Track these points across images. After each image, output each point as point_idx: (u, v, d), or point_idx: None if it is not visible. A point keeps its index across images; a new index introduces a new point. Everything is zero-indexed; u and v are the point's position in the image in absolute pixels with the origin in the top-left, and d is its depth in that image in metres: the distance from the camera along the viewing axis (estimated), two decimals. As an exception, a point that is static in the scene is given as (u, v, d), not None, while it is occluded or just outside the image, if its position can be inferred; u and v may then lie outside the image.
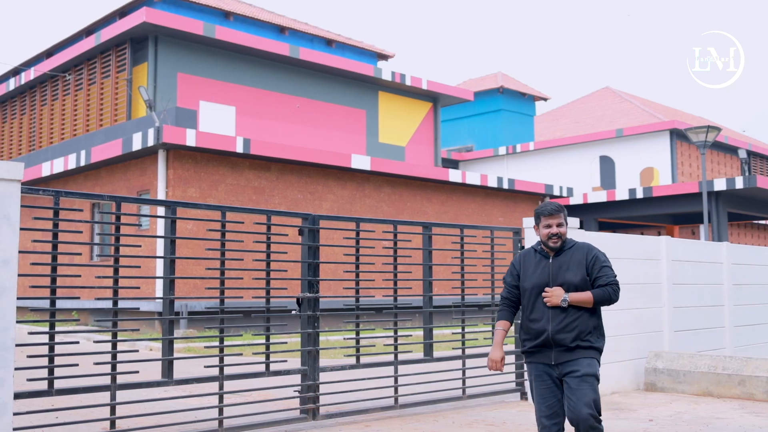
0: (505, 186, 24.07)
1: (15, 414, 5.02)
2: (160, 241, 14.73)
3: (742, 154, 27.86)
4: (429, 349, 8.03)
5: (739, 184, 22.54)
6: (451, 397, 8.11)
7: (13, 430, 4.92)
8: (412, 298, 9.02)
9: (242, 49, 21.14)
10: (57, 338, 5.50)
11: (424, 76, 46.49)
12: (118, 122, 20.04)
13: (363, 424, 6.94)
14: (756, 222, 34.81)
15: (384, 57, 27.62)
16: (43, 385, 5.45)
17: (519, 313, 4.64)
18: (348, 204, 19.91)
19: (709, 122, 33.27)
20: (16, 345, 4.95)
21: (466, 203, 23.28)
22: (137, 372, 5.93)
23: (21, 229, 5.02)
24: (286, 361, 7.14)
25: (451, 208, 22.72)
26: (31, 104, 24.45)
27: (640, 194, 24.84)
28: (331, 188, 19.69)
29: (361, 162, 19.67)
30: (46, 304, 5.59)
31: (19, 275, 4.95)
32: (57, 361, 5.50)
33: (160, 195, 16.66)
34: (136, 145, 16.77)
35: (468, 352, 8.33)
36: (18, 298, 4.94)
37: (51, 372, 5.42)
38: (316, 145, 22.29)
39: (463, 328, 8.39)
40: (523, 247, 8.67)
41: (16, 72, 25.94)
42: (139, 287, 6.50)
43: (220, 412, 6.32)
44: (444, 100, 26.99)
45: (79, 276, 5.81)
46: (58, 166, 19.56)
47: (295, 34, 24.91)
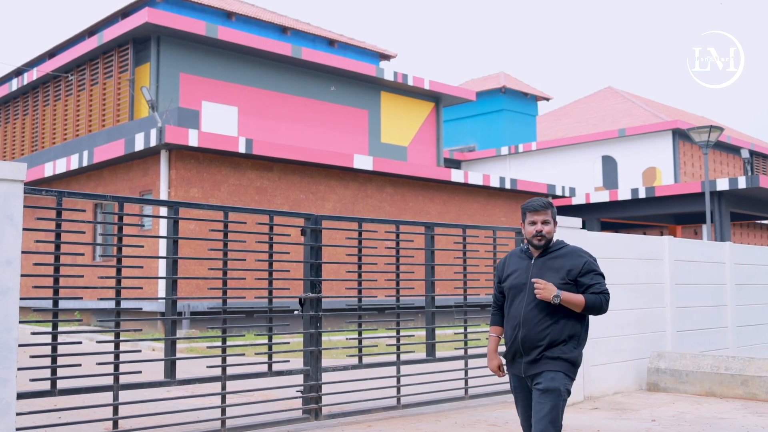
0: (508, 186, 24.06)
1: (18, 414, 5.03)
2: (163, 242, 14.73)
3: (745, 154, 27.81)
4: (431, 349, 8.03)
5: (742, 183, 22.51)
6: (454, 397, 8.11)
7: (16, 430, 4.93)
8: (415, 298, 9.03)
9: (244, 50, 21.14)
10: (60, 338, 5.52)
11: (427, 76, 46.49)
12: (120, 122, 20.06)
13: (365, 425, 6.94)
14: (759, 222, 34.75)
15: (386, 57, 27.62)
16: (46, 386, 5.46)
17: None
18: (350, 204, 19.92)
19: (712, 122, 33.26)
20: (19, 345, 4.96)
21: (469, 203, 23.27)
22: (140, 372, 5.94)
23: (24, 230, 5.02)
24: (289, 361, 7.15)
25: (453, 208, 22.72)
26: (34, 105, 24.48)
27: (642, 194, 24.81)
28: (333, 188, 19.69)
29: (363, 162, 19.67)
30: (48, 304, 5.60)
31: (22, 275, 4.96)
32: (60, 361, 5.51)
33: (163, 195, 16.67)
34: (139, 145, 16.78)
35: (470, 352, 8.33)
36: (21, 299, 4.95)
37: (54, 372, 5.43)
38: (318, 145, 22.30)
39: (466, 328, 8.39)
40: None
41: (19, 72, 25.97)
42: (141, 287, 6.51)
43: (223, 412, 6.32)
44: (446, 100, 26.99)
45: (82, 276, 5.81)
46: (60, 166, 19.58)
47: (297, 35, 24.91)
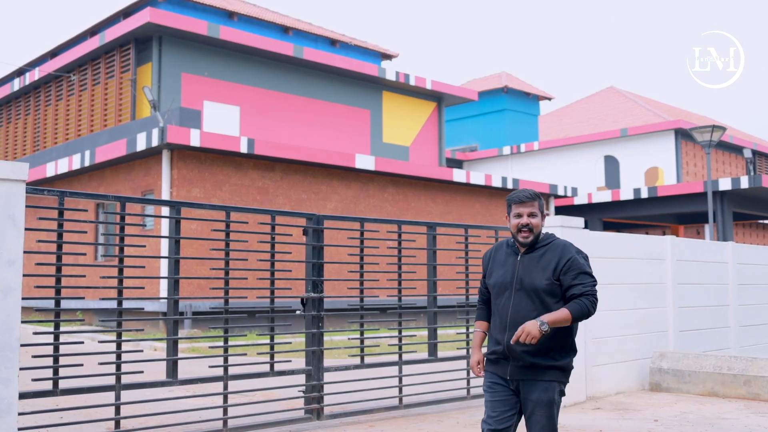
0: (510, 186, 24.04)
1: (20, 414, 5.03)
2: (165, 241, 14.74)
3: (747, 154, 27.80)
4: (433, 349, 8.02)
5: (744, 183, 22.48)
6: (456, 397, 8.10)
7: (18, 429, 4.93)
8: (417, 298, 9.02)
9: (246, 49, 21.14)
10: (62, 338, 5.51)
11: (429, 75, 46.49)
12: (122, 122, 20.07)
13: (367, 425, 6.93)
14: (761, 222, 34.71)
15: (388, 57, 27.61)
16: (48, 385, 5.46)
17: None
18: (352, 204, 19.91)
19: (714, 122, 33.22)
20: (21, 345, 4.96)
21: (471, 203, 23.26)
22: (142, 372, 5.94)
23: (26, 230, 5.02)
24: (291, 361, 7.14)
25: (455, 208, 22.70)
26: (36, 105, 24.50)
27: (644, 194, 24.79)
28: (335, 188, 19.69)
29: (365, 162, 19.67)
30: (50, 304, 5.59)
31: (24, 275, 4.96)
32: (62, 361, 5.51)
33: (165, 195, 16.68)
34: (141, 145, 16.79)
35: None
36: (23, 298, 4.95)
37: (56, 372, 5.43)
38: (320, 145, 22.29)
39: (468, 328, 8.38)
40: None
41: (21, 72, 25.99)
42: (143, 287, 6.50)
43: (225, 412, 6.32)
44: (448, 100, 26.97)
45: (84, 276, 5.81)
46: (62, 166, 19.59)
47: (299, 34, 24.91)
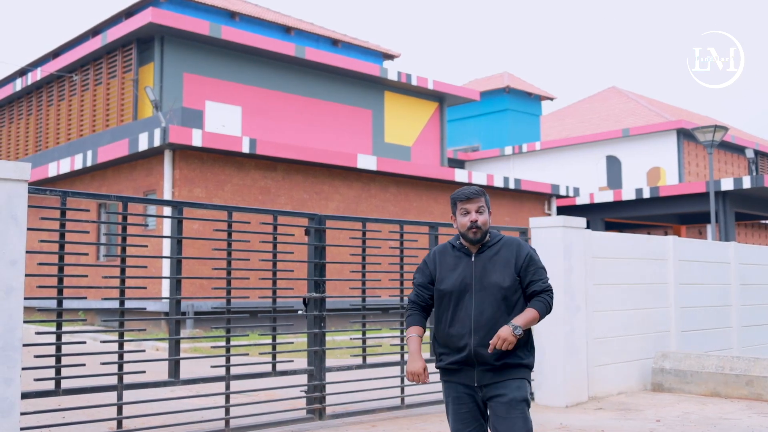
0: (512, 186, 24.04)
1: (22, 414, 5.03)
2: (167, 241, 14.75)
3: (750, 154, 27.76)
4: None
5: (747, 183, 22.45)
6: (458, 397, 8.08)
7: (21, 429, 4.93)
8: (419, 298, 8.98)
9: (248, 49, 21.15)
10: (64, 338, 5.51)
11: (430, 75, 46.49)
12: (124, 122, 20.08)
13: (369, 425, 6.93)
14: (763, 222, 34.68)
15: (390, 57, 27.60)
16: (50, 385, 5.46)
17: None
18: (354, 204, 19.91)
19: (717, 122, 33.18)
20: (24, 345, 4.96)
21: (472, 203, 23.20)
22: (144, 372, 5.94)
23: (28, 230, 5.02)
24: (293, 361, 7.14)
25: (457, 208, 22.66)
26: (38, 104, 24.51)
27: (646, 194, 24.77)
28: (337, 188, 19.68)
29: (367, 162, 19.67)
30: (53, 304, 5.59)
31: (26, 275, 4.96)
32: (64, 361, 5.51)
33: (166, 195, 16.68)
34: (143, 145, 16.79)
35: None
36: (25, 298, 4.95)
37: (58, 372, 5.43)
38: (321, 145, 22.29)
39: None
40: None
41: (23, 72, 26.01)
42: (145, 287, 6.50)
43: (227, 412, 6.32)
44: (450, 100, 26.96)
45: (86, 276, 5.81)
46: (64, 166, 19.61)
47: (300, 34, 24.91)
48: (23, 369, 4.93)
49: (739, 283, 11.58)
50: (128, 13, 22.48)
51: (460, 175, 22.35)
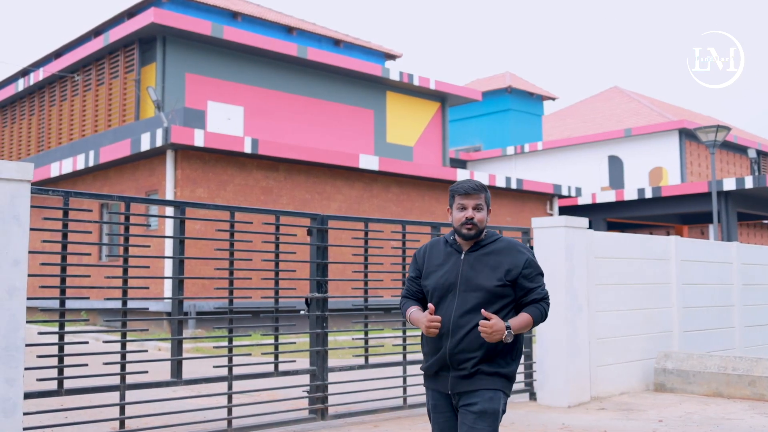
0: (513, 186, 24.03)
1: (25, 414, 5.03)
2: (169, 242, 14.76)
3: (752, 154, 27.74)
4: (437, 349, 8.00)
5: (749, 183, 22.43)
6: (460, 397, 8.08)
7: (23, 429, 4.93)
8: (421, 299, 8.98)
9: (250, 50, 21.16)
10: (66, 338, 5.51)
11: (432, 76, 46.48)
12: (126, 123, 20.09)
13: (372, 425, 6.93)
14: (766, 222, 34.64)
15: (392, 57, 27.60)
16: (53, 385, 5.46)
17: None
18: (356, 204, 19.91)
19: (719, 121, 33.16)
20: (26, 345, 4.96)
21: (474, 203, 23.19)
22: (146, 372, 5.94)
23: (31, 230, 5.02)
24: (295, 361, 7.14)
25: (459, 208, 22.65)
26: (40, 105, 24.54)
27: (649, 194, 24.75)
28: (339, 188, 19.69)
29: (369, 162, 19.67)
30: (55, 304, 5.60)
31: (28, 275, 4.96)
32: (66, 361, 5.51)
33: (169, 195, 16.69)
34: (145, 145, 16.80)
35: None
36: (28, 298, 4.95)
37: (60, 372, 5.44)
38: (323, 145, 22.30)
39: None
40: (531, 248, 8.64)
41: (25, 73, 26.05)
42: (148, 287, 6.51)
43: (229, 412, 6.32)
44: (452, 100, 26.96)
45: (89, 276, 5.81)
46: (66, 166, 19.63)
47: (302, 35, 24.92)
48: (26, 369, 4.93)
49: (742, 283, 11.56)
50: (130, 14, 22.49)
51: (462, 175, 22.35)
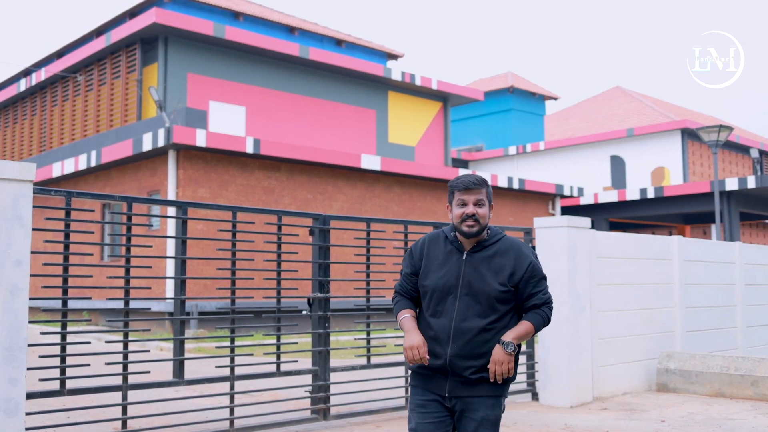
0: (516, 186, 24.01)
1: (27, 414, 5.03)
2: (171, 242, 14.76)
3: (754, 154, 27.70)
4: (440, 349, 7.99)
5: (751, 183, 22.40)
6: (462, 397, 8.07)
7: (26, 429, 4.93)
8: (423, 299, 8.98)
9: (252, 50, 21.16)
10: (69, 338, 5.52)
11: (434, 75, 46.48)
12: (128, 123, 20.10)
13: (374, 425, 6.92)
14: (768, 222, 34.61)
15: (394, 57, 27.60)
16: (55, 385, 5.46)
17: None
18: (358, 204, 19.91)
19: (721, 121, 33.12)
20: (29, 345, 4.96)
21: (476, 203, 23.18)
22: (148, 372, 5.94)
23: (33, 230, 5.02)
24: (297, 361, 7.15)
25: (461, 208, 22.64)
26: (42, 105, 24.56)
27: (651, 194, 24.73)
28: (341, 188, 19.68)
29: (371, 162, 19.66)
30: (57, 304, 5.61)
31: (31, 275, 4.96)
32: (69, 361, 5.51)
33: (171, 195, 16.70)
34: (147, 145, 16.81)
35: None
36: (30, 299, 4.95)
37: (63, 372, 5.44)
38: (325, 145, 22.30)
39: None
40: (533, 248, 8.63)
41: (27, 73, 26.07)
42: (150, 287, 6.51)
43: (231, 412, 6.32)
44: (454, 100, 26.95)
45: (91, 276, 5.81)
46: (68, 166, 19.64)
47: (304, 34, 24.92)
48: (28, 369, 4.93)
49: (744, 283, 11.55)
50: (132, 14, 22.51)
51: (464, 175, 22.31)
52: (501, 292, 3.26)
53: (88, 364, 5.57)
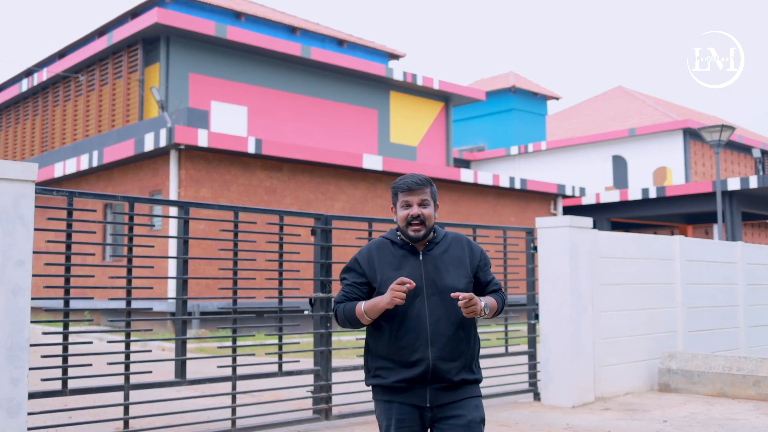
0: (517, 186, 24.00)
1: (29, 414, 5.03)
2: (173, 242, 14.76)
3: (756, 153, 27.68)
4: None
5: (753, 183, 22.38)
6: (464, 397, 8.07)
7: (28, 429, 4.94)
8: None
9: (254, 50, 21.17)
10: (70, 338, 5.53)
11: (436, 75, 46.47)
12: (130, 123, 20.11)
13: (375, 425, 6.92)
14: (770, 221, 34.57)
15: (395, 57, 27.60)
16: (57, 385, 5.47)
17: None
18: (360, 204, 19.91)
19: (723, 121, 33.09)
20: (31, 345, 4.97)
21: (478, 203, 23.22)
22: (150, 372, 5.94)
23: (35, 230, 5.03)
24: (299, 361, 7.14)
25: (462, 208, 22.67)
26: (44, 105, 24.58)
27: (653, 194, 24.71)
28: (342, 188, 19.69)
29: (372, 162, 19.66)
30: (59, 304, 5.61)
31: (33, 275, 4.97)
32: (71, 361, 5.53)
33: (172, 195, 16.70)
34: (148, 145, 16.82)
35: (480, 352, 8.29)
36: (32, 299, 4.96)
37: (65, 372, 5.44)
38: (327, 145, 22.30)
39: (475, 327, 8.35)
40: (535, 248, 8.62)
41: (29, 73, 26.08)
42: (152, 287, 6.51)
43: (233, 412, 6.32)
44: (456, 100, 26.94)
45: (93, 276, 5.82)
46: (70, 166, 19.65)
47: (306, 34, 24.92)
48: (30, 369, 4.94)
49: (746, 283, 11.53)
50: (134, 14, 22.52)
51: (466, 175, 22.33)
52: (466, 284, 3.18)
53: (90, 364, 5.58)
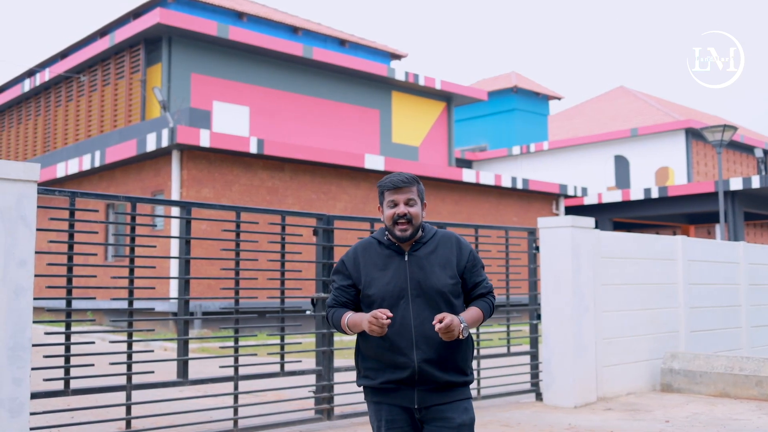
0: (519, 186, 23.99)
1: (32, 414, 5.04)
2: (175, 242, 14.77)
3: (759, 153, 27.64)
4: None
5: (756, 183, 22.36)
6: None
7: (30, 429, 4.94)
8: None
9: (256, 50, 21.17)
10: (73, 338, 5.52)
11: (438, 75, 46.45)
12: (132, 123, 20.13)
13: (377, 425, 6.91)
14: (772, 221, 34.53)
15: (397, 57, 27.60)
16: (60, 385, 5.47)
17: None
18: (362, 204, 19.91)
19: (725, 121, 33.06)
20: (33, 345, 4.97)
21: (480, 203, 23.22)
22: (152, 372, 5.95)
23: (37, 230, 5.03)
24: (301, 361, 7.14)
25: (465, 208, 22.67)
26: (46, 105, 24.60)
27: (655, 194, 24.70)
28: (344, 188, 19.69)
29: (374, 162, 19.66)
30: (62, 304, 5.61)
31: (35, 276, 4.97)
32: (73, 361, 5.53)
33: (174, 195, 16.71)
34: (150, 145, 16.83)
35: (482, 352, 8.31)
36: (34, 299, 4.96)
37: (67, 372, 5.44)
38: (329, 145, 22.30)
39: (478, 329, 8.36)
40: (537, 248, 8.62)
41: (31, 73, 26.11)
42: (154, 287, 6.51)
43: (235, 412, 6.32)
44: (457, 100, 26.93)
45: (95, 276, 5.82)
46: (72, 166, 19.67)
47: (308, 35, 24.93)
48: (33, 369, 4.94)
49: (749, 283, 11.52)
50: (136, 14, 22.53)
51: (468, 175, 22.32)
52: (452, 285, 3.14)
53: (92, 364, 5.58)
